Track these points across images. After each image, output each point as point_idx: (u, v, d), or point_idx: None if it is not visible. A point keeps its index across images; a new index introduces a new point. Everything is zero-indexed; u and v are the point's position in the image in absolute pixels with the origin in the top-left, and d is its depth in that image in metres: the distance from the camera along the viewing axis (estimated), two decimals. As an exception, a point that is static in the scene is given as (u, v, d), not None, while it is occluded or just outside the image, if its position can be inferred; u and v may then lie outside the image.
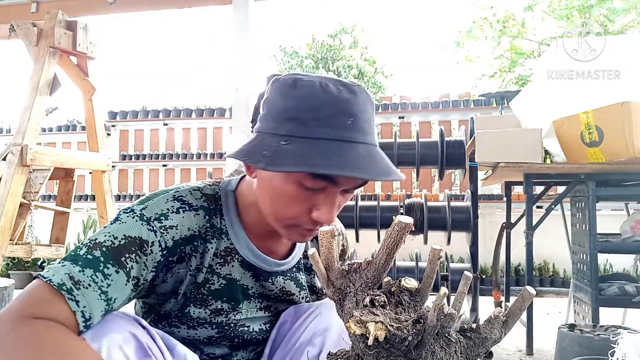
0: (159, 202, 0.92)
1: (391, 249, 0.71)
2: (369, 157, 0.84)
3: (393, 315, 0.69)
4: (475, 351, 0.74)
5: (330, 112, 0.83)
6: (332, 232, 0.73)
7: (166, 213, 0.91)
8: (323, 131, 0.83)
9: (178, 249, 0.91)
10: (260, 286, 1.02)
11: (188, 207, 0.94)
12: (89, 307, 0.79)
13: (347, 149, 0.82)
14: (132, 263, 0.85)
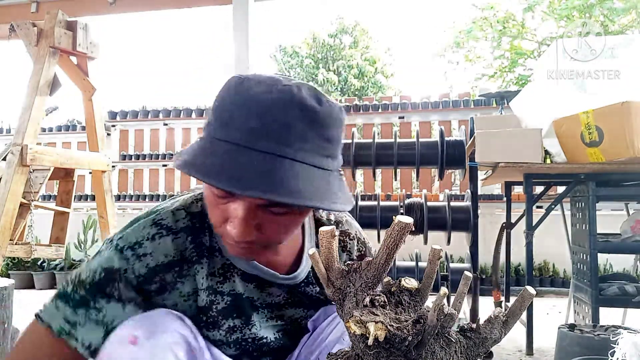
0: (136, 229, 0.90)
1: (391, 249, 0.71)
2: (265, 169, 0.73)
3: (393, 315, 0.69)
4: (475, 351, 0.74)
5: (242, 113, 0.76)
6: (332, 232, 0.73)
7: (141, 241, 0.88)
8: (226, 133, 0.76)
9: (155, 277, 0.88)
10: (267, 294, 0.99)
11: (166, 231, 0.90)
12: (88, 339, 0.85)
13: (238, 158, 0.74)
14: (116, 291, 0.87)
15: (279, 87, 0.77)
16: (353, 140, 3.13)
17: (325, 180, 0.79)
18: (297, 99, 0.76)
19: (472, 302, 2.90)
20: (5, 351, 1.84)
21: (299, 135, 0.76)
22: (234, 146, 0.75)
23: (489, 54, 13.31)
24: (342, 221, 1.10)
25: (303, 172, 0.75)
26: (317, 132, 0.78)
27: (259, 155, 0.74)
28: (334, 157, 0.82)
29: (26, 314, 3.31)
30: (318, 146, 0.78)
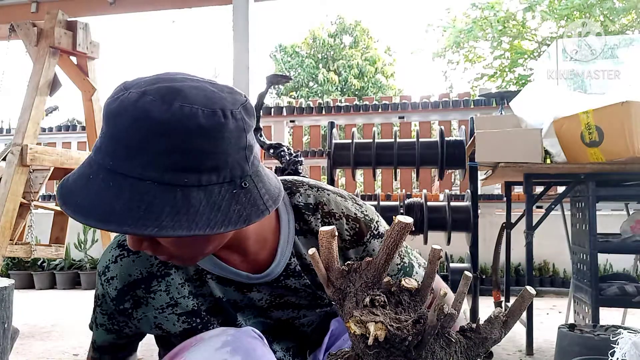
0: (105, 253, 0.95)
1: (391, 249, 0.71)
2: (78, 187, 0.71)
3: (393, 315, 0.69)
4: (475, 351, 0.74)
5: (103, 125, 0.73)
6: (332, 232, 0.73)
7: (108, 265, 0.93)
8: (95, 146, 0.73)
9: (125, 297, 0.92)
10: (249, 299, 0.96)
11: (127, 252, 0.92)
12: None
13: (88, 180, 0.71)
14: (96, 314, 1.01)
15: (134, 95, 0.71)
16: (353, 140, 3.13)
17: (182, 200, 0.69)
18: (132, 108, 0.70)
19: (472, 302, 2.91)
20: (6, 351, 1.84)
21: (143, 150, 0.68)
22: (88, 167, 0.73)
23: (489, 54, 13.31)
24: (322, 201, 0.97)
25: (149, 192, 0.68)
26: (166, 144, 0.69)
27: (105, 175, 0.70)
28: (197, 170, 0.70)
29: (26, 314, 3.32)
30: (157, 159, 0.68)
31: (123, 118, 0.69)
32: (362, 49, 15.38)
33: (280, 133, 6.13)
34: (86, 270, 5.45)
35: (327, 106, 6.00)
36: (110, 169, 0.69)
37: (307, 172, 5.20)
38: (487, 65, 13.43)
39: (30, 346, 3.11)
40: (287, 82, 4.22)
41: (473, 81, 13.42)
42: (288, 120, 6.13)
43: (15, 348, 2.59)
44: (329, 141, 3.18)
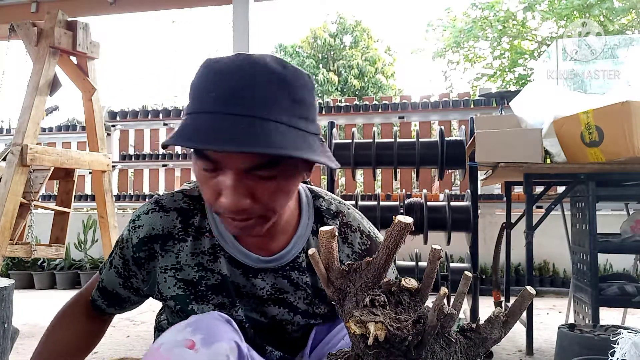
0: (142, 206, 1.04)
1: (391, 249, 0.71)
2: (239, 128, 0.76)
3: (393, 315, 0.69)
4: (475, 351, 0.74)
5: (211, 85, 0.80)
6: (332, 231, 0.73)
7: (139, 214, 1.02)
8: (199, 105, 0.80)
9: (143, 247, 1.00)
10: (252, 285, 1.00)
11: (159, 208, 1.01)
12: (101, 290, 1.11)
13: (212, 121, 0.77)
14: (113, 255, 1.07)
15: (242, 56, 0.81)
16: (353, 140, 3.13)
17: (302, 138, 0.81)
18: (262, 63, 0.80)
19: (472, 302, 2.90)
20: (6, 351, 1.84)
21: (269, 97, 0.78)
22: (208, 114, 0.78)
23: (489, 54, 13.30)
24: (343, 212, 1.07)
25: (278, 128, 0.78)
26: (286, 94, 0.80)
27: (231, 117, 0.76)
28: (309, 120, 0.84)
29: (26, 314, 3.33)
30: (290, 107, 0.80)
31: (245, 72, 0.79)
32: (362, 49, 15.37)
33: (280, 133, 6.12)
34: (86, 270, 5.45)
35: (327, 106, 6.00)
36: (241, 114, 0.77)
37: (307, 172, 5.19)
38: (487, 65, 13.43)
39: (30, 346, 3.10)
40: (287, 82, 4.20)
41: (473, 81, 13.41)
42: (288, 120, 6.13)
43: (15, 348, 2.59)
44: (329, 141, 3.18)
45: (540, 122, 2.64)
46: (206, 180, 0.85)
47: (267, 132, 0.76)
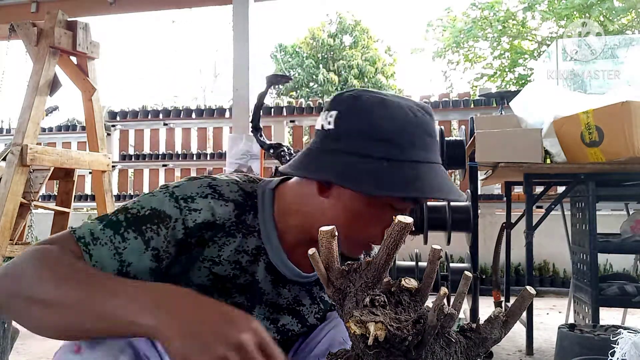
0: (192, 185, 0.93)
1: (391, 249, 0.71)
2: (447, 179, 0.91)
3: (393, 315, 0.69)
4: (475, 351, 0.74)
5: (420, 135, 0.88)
6: (332, 231, 0.73)
7: (194, 196, 0.91)
8: (417, 154, 0.87)
9: (198, 232, 0.91)
10: (277, 294, 0.99)
11: (218, 196, 0.93)
12: (100, 262, 0.84)
13: (435, 171, 0.89)
14: (152, 233, 0.87)
15: (417, 107, 0.90)
16: (353, 140, 3.13)
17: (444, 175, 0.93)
18: (428, 117, 0.92)
19: (472, 302, 2.90)
20: (6, 351, 1.84)
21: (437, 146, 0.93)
22: (433, 165, 0.90)
23: (489, 54, 13.30)
24: None
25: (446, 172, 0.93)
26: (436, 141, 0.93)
27: (440, 168, 0.91)
28: None
29: (26, 314, 3.22)
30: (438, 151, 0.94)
31: (433, 122, 0.92)
32: (362, 49, 15.38)
33: (280, 133, 6.13)
34: (86, 270, 5.45)
35: (327, 106, 6.00)
36: (439, 162, 0.92)
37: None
38: (487, 65, 13.43)
39: (30, 346, 3.11)
40: (287, 82, 4.22)
41: (473, 81, 13.41)
42: (288, 120, 6.14)
43: (15, 348, 2.59)
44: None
45: (540, 122, 2.64)
46: (385, 218, 0.86)
47: (447, 179, 0.92)
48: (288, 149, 3.16)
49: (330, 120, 0.89)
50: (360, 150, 0.85)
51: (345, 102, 0.89)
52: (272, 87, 3.44)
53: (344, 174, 0.85)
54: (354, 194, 0.87)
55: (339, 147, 0.87)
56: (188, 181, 0.94)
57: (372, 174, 0.84)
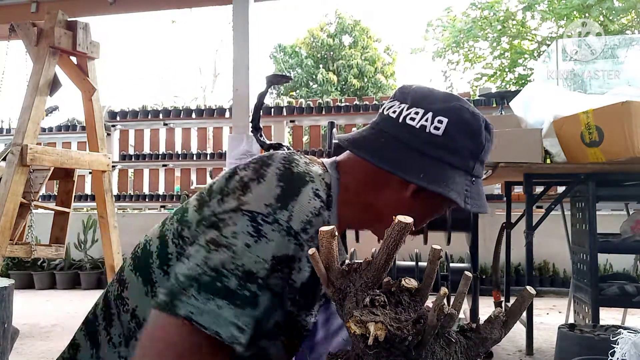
0: (302, 203, 0.82)
1: (391, 249, 0.71)
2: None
3: (393, 315, 0.69)
4: (475, 351, 0.74)
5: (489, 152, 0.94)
6: (332, 231, 0.73)
7: (310, 219, 0.81)
8: (482, 172, 0.95)
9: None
10: (305, 320, 0.95)
11: (324, 205, 0.85)
12: (246, 337, 0.77)
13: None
14: (278, 281, 0.80)
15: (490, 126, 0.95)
16: (353, 140, 3.13)
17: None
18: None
19: (472, 302, 2.90)
20: (6, 351, 1.84)
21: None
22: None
23: (489, 54, 13.30)
24: None
25: None
26: None
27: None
28: None
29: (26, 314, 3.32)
30: None
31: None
32: (361, 48, 15.37)
33: (280, 133, 6.13)
34: (86, 270, 5.45)
35: (327, 106, 6.00)
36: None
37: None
38: (487, 65, 13.43)
39: (30, 346, 3.11)
40: (286, 82, 4.22)
41: (473, 81, 13.41)
42: (288, 120, 6.14)
43: (15, 348, 2.59)
44: (329, 141, 3.18)
45: (540, 122, 2.64)
46: (433, 214, 0.95)
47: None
48: (288, 149, 3.16)
49: (439, 127, 0.88)
50: (466, 168, 0.90)
51: (453, 113, 0.89)
52: (272, 87, 3.44)
53: (454, 190, 0.87)
54: (438, 199, 0.90)
55: (444, 158, 0.88)
56: (296, 198, 0.81)
57: (466, 190, 0.89)
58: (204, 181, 6.36)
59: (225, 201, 0.83)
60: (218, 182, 0.89)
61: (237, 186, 0.84)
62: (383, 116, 0.93)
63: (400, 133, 0.89)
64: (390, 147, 0.88)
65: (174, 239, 0.88)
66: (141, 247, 0.94)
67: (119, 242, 3.64)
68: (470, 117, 0.90)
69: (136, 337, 0.87)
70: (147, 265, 0.89)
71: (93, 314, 0.98)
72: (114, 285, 0.96)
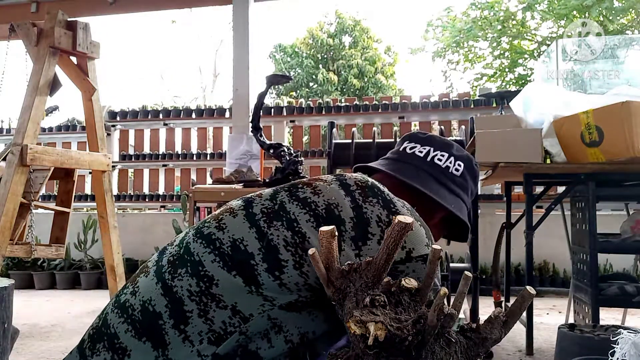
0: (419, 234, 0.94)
1: (391, 249, 0.71)
2: None
3: (393, 315, 0.69)
4: (475, 351, 0.74)
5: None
6: (332, 231, 0.73)
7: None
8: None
9: None
10: None
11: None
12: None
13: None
14: None
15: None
16: (353, 140, 3.13)
17: None
18: None
19: (472, 302, 2.90)
20: (6, 351, 1.84)
21: None
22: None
23: (489, 54, 13.30)
24: None
25: None
26: None
27: None
28: None
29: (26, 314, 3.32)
30: None
31: None
32: (361, 49, 15.37)
33: (280, 133, 6.13)
34: (86, 270, 5.45)
35: (327, 106, 6.00)
36: None
37: (307, 172, 5.20)
38: (487, 65, 13.43)
39: (30, 346, 3.11)
40: (287, 82, 4.22)
41: (473, 81, 13.41)
42: (288, 120, 6.13)
43: (15, 348, 2.59)
44: (329, 141, 3.18)
45: (540, 122, 2.64)
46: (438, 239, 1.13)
47: None
48: (288, 149, 3.16)
49: (459, 169, 1.15)
50: (468, 204, 1.19)
51: (467, 160, 1.18)
52: (272, 87, 3.44)
53: (459, 209, 1.14)
54: (445, 227, 1.21)
55: (460, 195, 1.16)
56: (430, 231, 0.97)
57: (465, 212, 1.17)
58: (204, 181, 6.36)
59: None
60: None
61: (385, 230, 0.89)
62: (407, 153, 1.15)
63: (430, 169, 1.12)
64: (427, 179, 1.09)
65: None
66: None
67: (119, 242, 3.64)
68: (475, 166, 1.19)
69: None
70: None
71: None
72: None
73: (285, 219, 0.91)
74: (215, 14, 27.84)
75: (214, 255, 0.89)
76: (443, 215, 1.12)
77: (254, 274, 0.86)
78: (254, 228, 0.91)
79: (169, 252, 0.96)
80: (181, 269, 0.90)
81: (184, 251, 0.93)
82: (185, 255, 0.92)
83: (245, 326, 0.84)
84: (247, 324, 0.84)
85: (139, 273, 0.99)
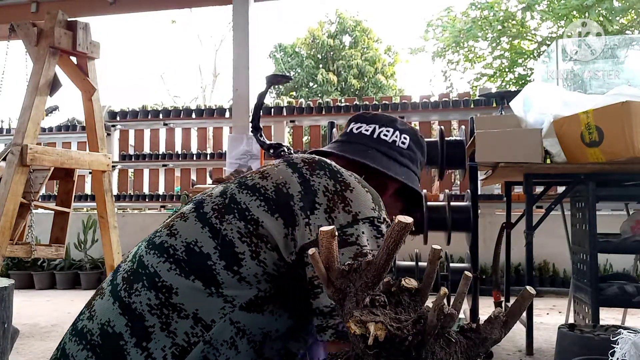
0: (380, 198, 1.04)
1: (391, 249, 0.71)
2: None
3: (393, 315, 0.69)
4: (475, 351, 0.74)
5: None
6: (332, 231, 0.73)
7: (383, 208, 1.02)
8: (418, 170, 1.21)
9: None
10: None
11: None
12: None
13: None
14: None
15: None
16: (353, 140, 3.12)
17: None
18: None
19: (472, 302, 2.90)
20: (6, 351, 1.84)
21: None
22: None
23: (489, 54, 13.30)
24: None
25: None
26: None
27: None
28: None
29: (26, 314, 3.33)
30: None
31: None
32: (362, 49, 15.37)
33: (280, 133, 6.13)
34: (86, 270, 5.45)
35: (327, 106, 6.00)
36: None
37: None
38: (487, 65, 13.43)
39: (30, 346, 3.11)
40: (287, 82, 4.22)
41: (473, 81, 13.41)
42: (288, 120, 6.14)
43: (15, 348, 2.59)
44: (329, 141, 3.18)
45: (540, 122, 2.64)
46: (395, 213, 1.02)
47: None
48: (288, 149, 3.16)
49: (405, 142, 1.17)
50: (418, 174, 1.18)
51: (412, 133, 1.20)
52: (272, 87, 3.44)
53: (410, 180, 1.13)
54: (400, 199, 1.16)
55: (410, 166, 1.16)
56: (379, 195, 0.97)
57: (417, 182, 1.16)
58: (204, 181, 6.36)
59: (334, 217, 0.88)
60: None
61: (331, 198, 0.89)
62: (354, 134, 1.17)
63: (378, 145, 1.13)
64: (375, 155, 1.11)
65: None
66: None
67: (119, 242, 3.64)
68: (420, 138, 1.22)
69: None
70: None
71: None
72: None
73: (236, 210, 0.89)
74: (215, 14, 27.85)
75: (169, 263, 0.87)
76: (396, 187, 1.13)
77: (212, 274, 0.84)
78: (207, 227, 0.88)
79: (122, 268, 0.93)
80: (137, 284, 0.87)
81: (138, 265, 0.90)
82: (140, 269, 0.89)
83: (209, 334, 0.82)
84: (210, 331, 0.83)
85: (95, 296, 0.95)
